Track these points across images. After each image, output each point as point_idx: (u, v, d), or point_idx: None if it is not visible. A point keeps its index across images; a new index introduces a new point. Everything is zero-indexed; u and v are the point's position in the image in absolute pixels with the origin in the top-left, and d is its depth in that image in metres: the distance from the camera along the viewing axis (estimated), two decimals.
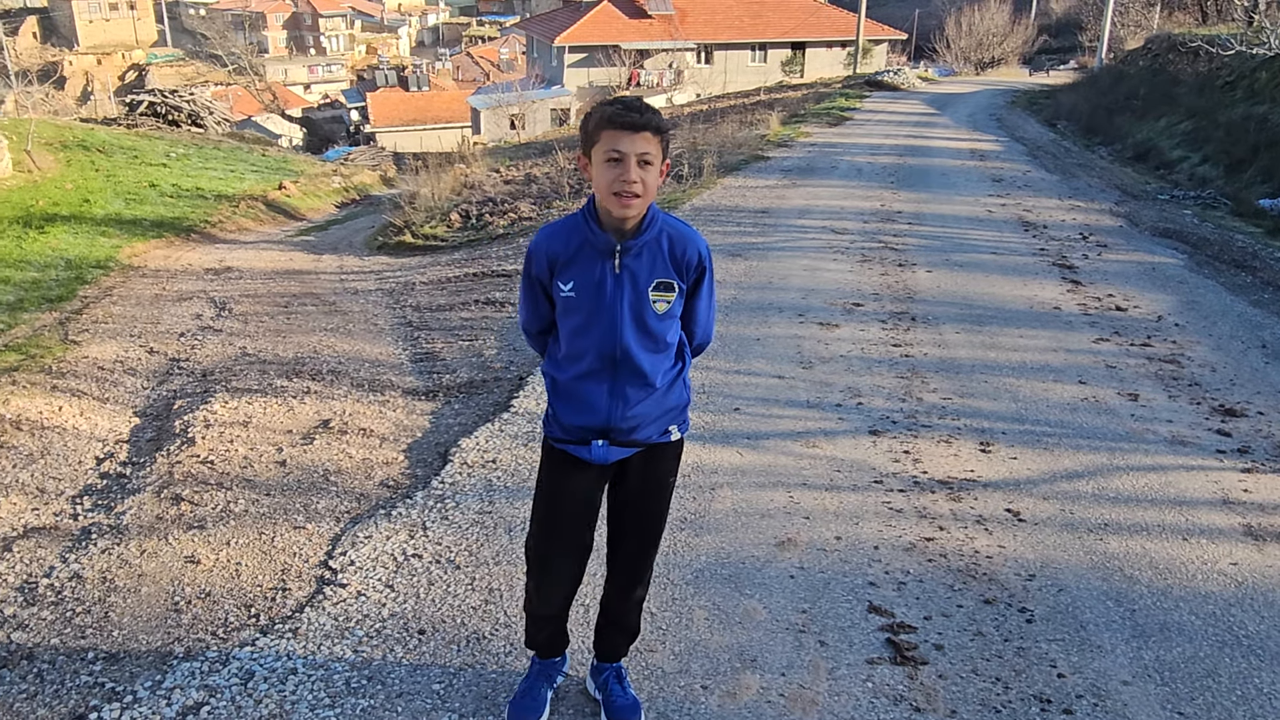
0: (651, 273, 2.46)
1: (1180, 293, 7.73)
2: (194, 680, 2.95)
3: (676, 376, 2.60)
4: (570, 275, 2.46)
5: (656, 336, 2.51)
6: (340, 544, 3.80)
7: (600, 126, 2.37)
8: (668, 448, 2.65)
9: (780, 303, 7.15)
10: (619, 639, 2.87)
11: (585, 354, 2.49)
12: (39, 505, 4.28)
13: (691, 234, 2.52)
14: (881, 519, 4.02)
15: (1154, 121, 18.23)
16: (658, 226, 2.47)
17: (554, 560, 2.69)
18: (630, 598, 2.79)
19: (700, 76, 42.87)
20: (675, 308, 2.52)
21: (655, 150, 2.37)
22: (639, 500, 2.67)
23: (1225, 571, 3.70)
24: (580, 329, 2.48)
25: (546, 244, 2.49)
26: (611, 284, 2.44)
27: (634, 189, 2.34)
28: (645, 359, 2.50)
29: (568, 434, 2.57)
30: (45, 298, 8.88)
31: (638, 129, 2.34)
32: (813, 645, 3.18)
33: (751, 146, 15.87)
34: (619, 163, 2.34)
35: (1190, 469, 4.59)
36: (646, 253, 2.45)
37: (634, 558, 2.74)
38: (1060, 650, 3.19)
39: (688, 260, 2.49)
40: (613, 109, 2.37)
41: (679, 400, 2.63)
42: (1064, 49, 48.42)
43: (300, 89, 65.43)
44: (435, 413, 5.38)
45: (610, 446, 2.55)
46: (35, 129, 18.84)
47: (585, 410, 2.52)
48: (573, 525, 2.66)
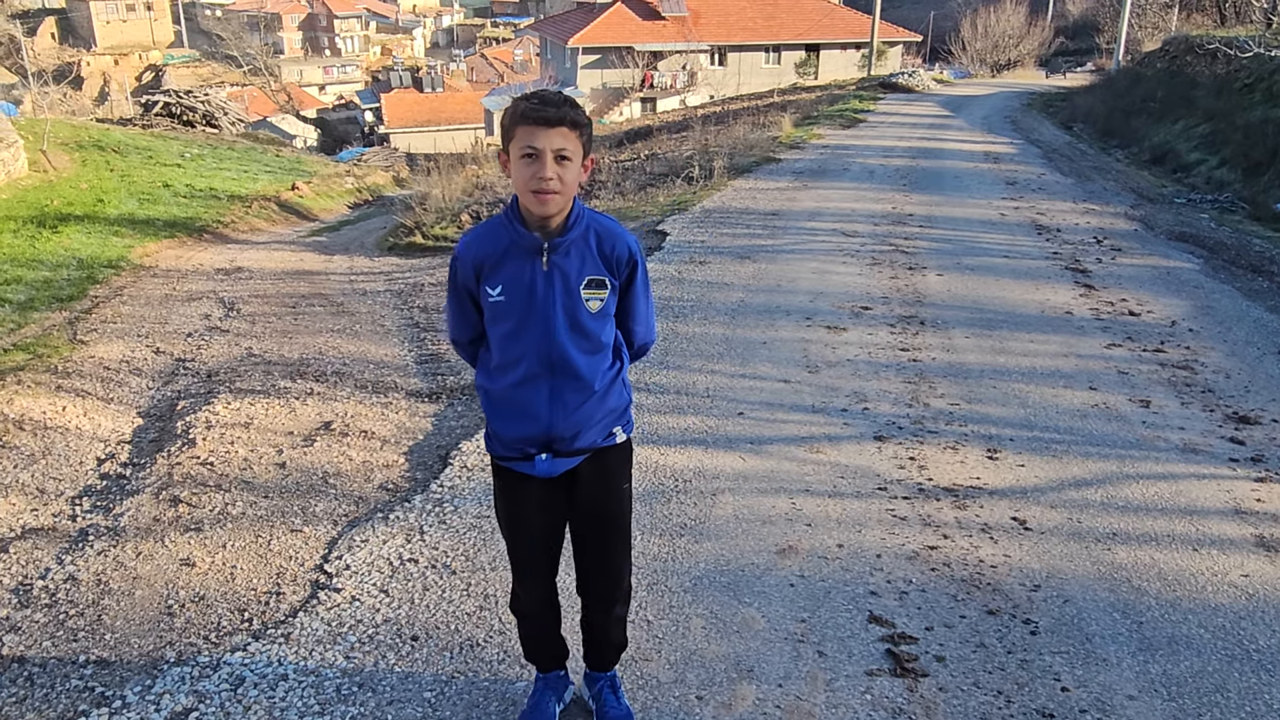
0: (582, 270, 2.40)
1: (1195, 298, 7.63)
2: (184, 685, 2.92)
3: (615, 377, 2.54)
4: (498, 279, 2.39)
5: (592, 336, 2.45)
6: (336, 547, 3.77)
7: (515, 122, 2.31)
8: (614, 451, 2.58)
9: (788, 306, 7.09)
10: (607, 652, 2.81)
11: (521, 360, 2.42)
12: (38, 506, 4.27)
13: (619, 230, 2.47)
14: (885, 526, 3.96)
15: (1171, 124, 18.07)
16: (584, 223, 2.41)
17: (526, 563, 2.66)
18: (611, 615, 2.72)
19: (714, 78, 42.81)
20: (609, 306, 2.46)
21: (573, 146, 2.30)
22: (595, 508, 2.60)
23: (1236, 583, 3.63)
24: (513, 334, 2.42)
25: (471, 249, 2.42)
26: (543, 284, 2.38)
27: (550, 185, 2.28)
28: (582, 361, 2.44)
29: (509, 449, 2.50)
30: (56, 297, 8.91)
31: (553, 124, 2.27)
32: (811, 656, 3.13)
33: (763, 148, 15.80)
34: (535, 159, 2.27)
35: (1202, 478, 4.51)
36: (575, 250, 2.39)
37: (602, 572, 2.66)
38: (1064, 663, 3.13)
39: (617, 256, 2.44)
40: (527, 104, 2.30)
41: (619, 401, 2.57)
42: (1081, 51, 48.11)
43: (315, 90, 65.71)
44: (438, 415, 5.35)
45: (555, 459, 2.49)
46: (51, 129, 18.97)
47: (524, 419, 2.46)
48: (536, 538, 2.62)
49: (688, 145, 16.98)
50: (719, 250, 8.78)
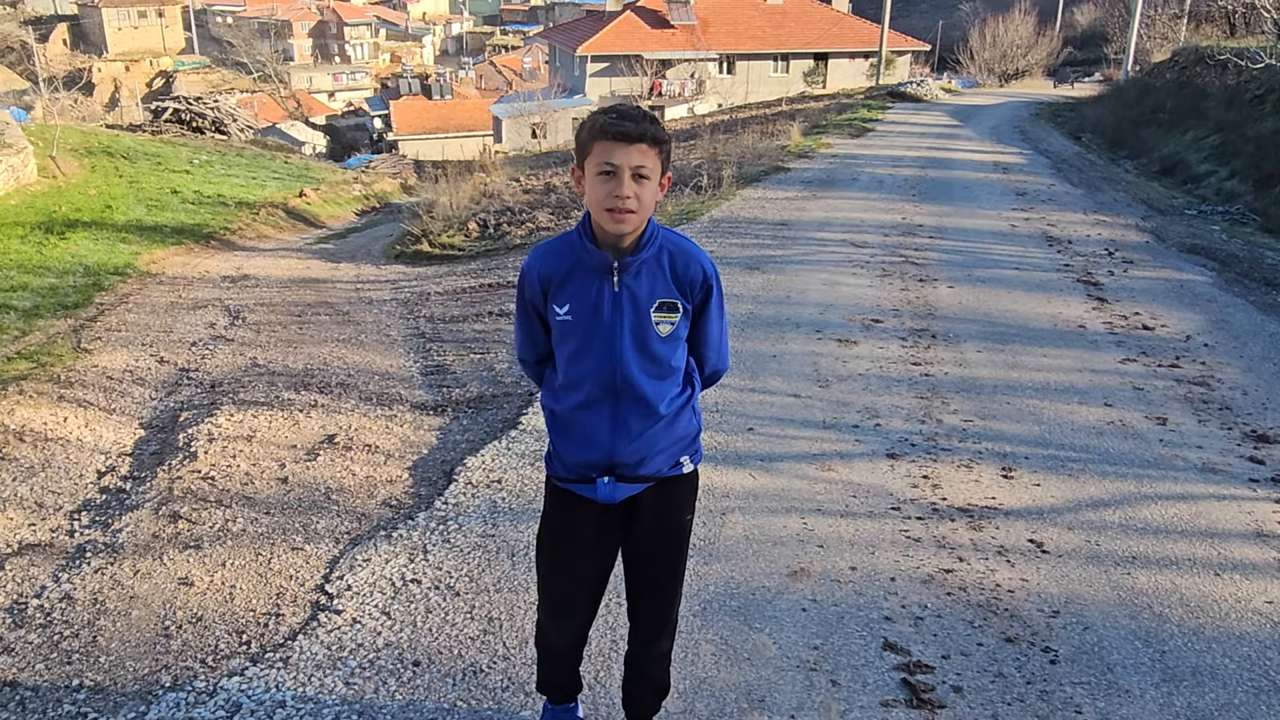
0: (653, 292, 2.30)
1: (1209, 311, 7.53)
2: (179, 712, 2.85)
3: (685, 404, 2.42)
4: (566, 297, 2.30)
5: (660, 361, 2.34)
6: (338, 567, 3.69)
7: (593, 137, 2.21)
8: (680, 481, 2.46)
9: (797, 318, 7.01)
10: (648, 697, 2.70)
11: (583, 381, 2.32)
12: (36, 521, 4.20)
13: (695, 250, 2.36)
14: (898, 548, 3.87)
15: (1181, 135, 17.96)
16: (658, 243, 2.31)
17: (564, 603, 2.55)
18: (654, 651, 2.62)
19: (722, 87, 42.79)
20: (680, 330, 2.35)
21: (653, 163, 2.21)
22: (655, 542, 2.48)
23: (1260, 610, 3.53)
24: (577, 354, 2.32)
25: (539, 264, 2.33)
26: (610, 305, 2.28)
27: (628, 204, 2.18)
28: (648, 385, 2.33)
29: (570, 471, 2.40)
30: (61, 304, 8.86)
31: (632, 140, 2.17)
32: (824, 685, 3.04)
33: (772, 157, 15.73)
34: (612, 176, 2.18)
35: (1222, 499, 4.41)
36: (646, 271, 2.29)
37: (655, 607, 2.56)
38: (1086, 694, 3.04)
39: (691, 278, 2.33)
40: (606, 118, 2.21)
41: (688, 429, 2.44)
42: (1089, 61, 47.99)
43: (325, 96, 65.85)
44: (443, 428, 5.27)
45: (617, 484, 2.37)
46: (61, 135, 18.98)
47: (586, 444, 2.35)
48: (582, 569, 2.49)
49: (696, 154, 16.91)
50: (727, 261, 8.70)
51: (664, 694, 2.72)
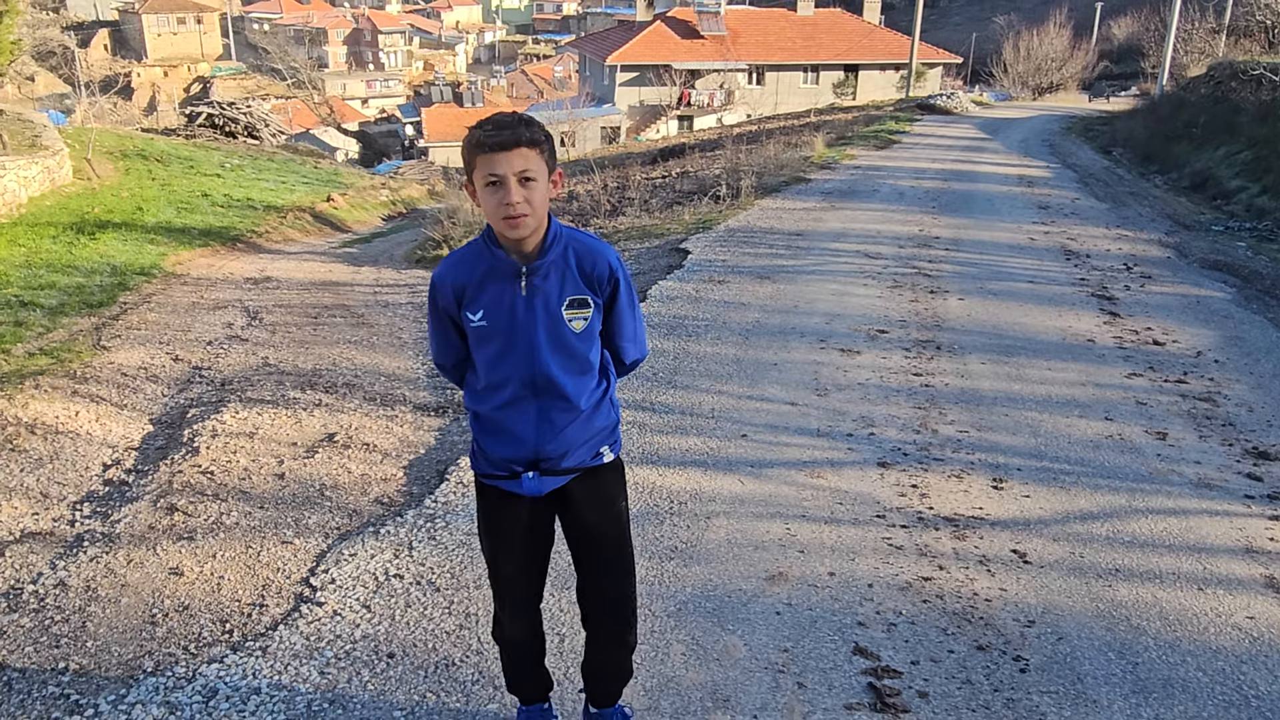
0: (562, 291, 2.37)
1: (1224, 328, 7.45)
2: (157, 696, 2.93)
3: (602, 397, 2.50)
4: (479, 304, 2.37)
5: (578, 357, 2.41)
6: (324, 561, 3.77)
7: (474, 151, 2.26)
8: (604, 470, 2.53)
9: (803, 327, 7.03)
10: (608, 682, 2.76)
11: (506, 383, 2.40)
12: (39, 510, 4.32)
13: (599, 246, 2.43)
14: (879, 555, 3.89)
15: (1213, 150, 17.74)
16: (562, 243, 2.37)
17: (508, 592, 2.62)
18: (618, 648, 2.66)
19: (751, 97, 42.84)
20: (594, 324, 2.42)
21: (536, 165, 2.26)
22: (591, 531, 2.55)
23: (1240, 625, 3.51)
24: (497, 358, 2.39)
25: (450, 274, 2.40)
26: (523, 308, 2.35)
27: (519, 210, 2.24)
28: (568, 382, 2.41)
29: (495, 468, 2.47)
30: (86, 303, 9.06)
31: (509, 146, 2.22)
32: (790, 687, 3.06)
33: (794, 168, 15.74)
34: (499, 185, 2.23)
35: (1214, 514, 4.38)
36: (554, 271, 2.36)
37: (601, 597, 2.60)
38: (1053, 704, 3.04)
39: (598, 274, 2.40)
40: (481, 131, 2.26)
41: (607, 420, 2.52)
42: (1125, 75, 47.51)
43: (358, 103, 66.64)
44: (442, 429, 5.35)
45: (542, 477, 2.45)
46: (97, 138, 19.39)
47: (511, 441, 2.43)
48: (520, 560, 2.57)
49: (719, 164, 16.96)
50: (739, 270, 8.74)
51: (626, 680, 2.77)
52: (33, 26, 52.69)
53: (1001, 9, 61.93)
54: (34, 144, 15.53)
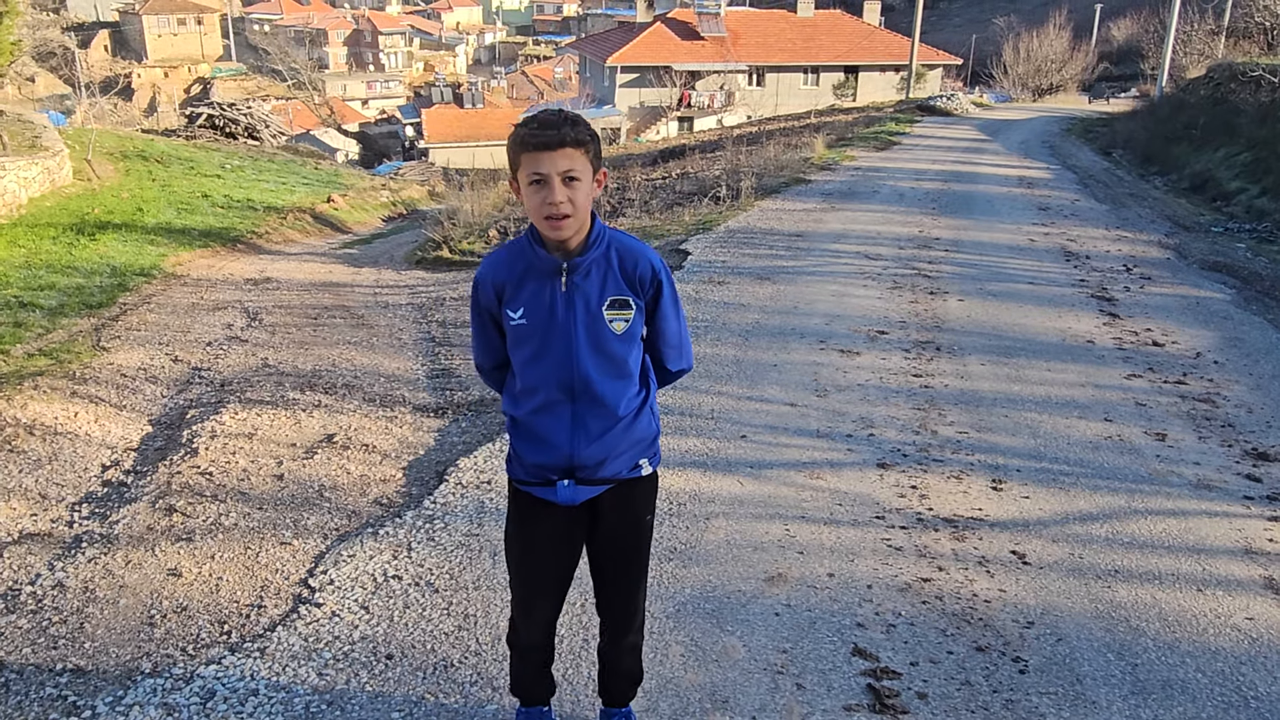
0: (603, 290, 2.35)
1: (1223, 329, 7.45)
2: (154, 698, 2.92)
3: (642, 405, 2.46)
4: (519, 302, 2.35)
5: (617, 360, 2.38)
6: (323, 562, 3.76)
7: (519, 150, 2.26)
8: (640, 484, 2.51)
9: (803, 328, 7.02)
10: (622, 685, 2.78)
11: (542, 385, 2.37)
12: (38, 511, 4.31)
13: (642, 248, 2.41)
14: (878, 556, 3.89)
15: (1212, 152, 17.75)
16: (605, 242, 2.36)
17: (530, 599, 2.61)
18: (623, 645, 2.69)
19: (751, 98, 42.84)
20: (635, 327, 2.39)
21: (581, 165, 2.25)
22: (616, 542, 2.54)
23: (1239, 626, 3.50)
24: (534, 358, 2.37)
25: (492, 272, 2.39)
26: (563, 306, 2.33)
27: (562, 209, 2.23)
28: (606, 386, 2.37)
29: (530, 474, 2.45)
30: (86, 304, 9.06)
31: (554, 146, 2.22)
32: (789, 688, 3.06)
33: (794, 169, 15.74)
34: (543, 184, 2.23)
35: (1213, 515, 4.37)
36: (595, 270, 2.35)
37: (619, 604, 2.62)
38: (1052, 705, 3.03)
39: (640, 275, 2.38)
40: (526, 130, 2.25)
41: (647, 431, 2.48)
42: (1125, 76, 47.51)
43: (358, 104, 66.66)
44: (441, 430, 5.35)
45: (577, 486, 2.42)
46: (97, 139, 19.38)
47: (545, 447, 2.40)
48: (547, 568, 2.56)
49: (719, 165, 16.96)
50: (739, 271, 8.74)
51: (638, 681, 2.79)
52: (33, 27, 52.72)
53: (1001, 10, 61.98)
54: (34, 145, 15.53)
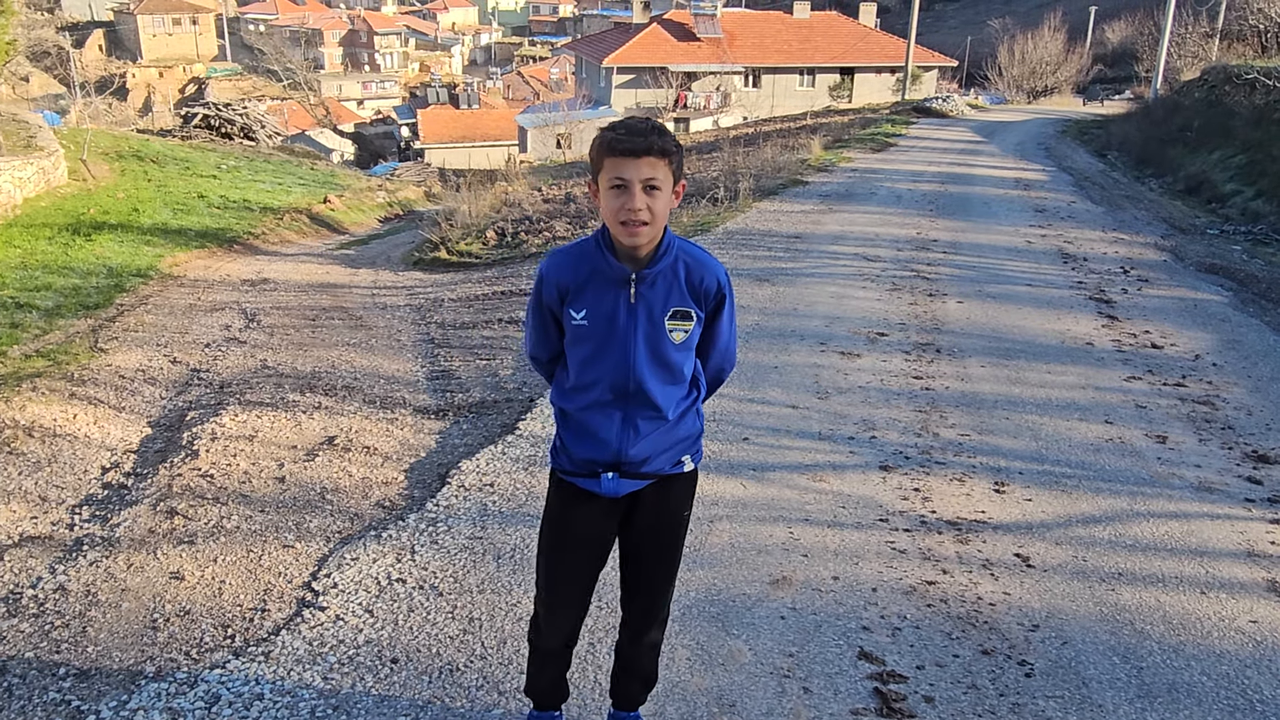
0: (667, 302, 2.35)
1: (1222, 331, 7.47)
2: (159, 702, 2.91)
3: (690, 406, 2.49)
4: (583, 304, 2.36)
5: (673, 368, 2.40)
6: (326, 565, 3.75)
7: (603, 153, 2.26)
8: (681, 479, 2.53)
9: (803, 330, 7.02)
10: (635, 686, 2.77)
11: (596, 384, 2.39)
12: (38, 514, 4.29)
13: (709, 261, 2.41)
14: (883, 559, 3.88)
15: (1207, 154, 17.80)
16: (673, 254, 2.36)
17: (560, 595, 2.61)
18: (644, 642, 2.69)
19: (747, 100, 42.86)
20: (693, 338, 2.41)
21: (663, 175, 2.25)
22: (653, 536, 2.55)
23: (1244, 629, 3.51)
24: (591, 359, 2.38)
25: (556, 271, 2.39)
26: (625, 315, 2.34)
27: (640, 217, 2.23)
28: (659, 391, 2.39)
29: (576, 467, 2.46)
30: (83, 305, 9.02)
31: (640, 154, 2.22)
32: (796, 692, 3.05)
33: (791, 171, 15.75)
34: (624, 190, 2.23)
35: (1215, 518, 4.38)
36: (662, 281, 2.35)
37: (649, 599, 2.63)
38: (1058, 708, 3.03)
39: (705, 288, 2.39)
40: (613, 134, 2.26)
41: (691, 429, 2.51)
42: (1119, 79, 47.66)
43: (354, 105, 66.58)
44: (443, 432, 5.34)
45: (620, 479, 2.44)
46: (92, 139, 19.33)
47: (594, 443, 2.42)
48: (581, 560, 2.56)
49: (716, 166, 16.95)
50: (738, 272, 8.73)
51: (651, 685, 2.79)
52: (27, 27, 52.59)
53: (996, 12, 62.12)
54: (29, 145, 15.48)
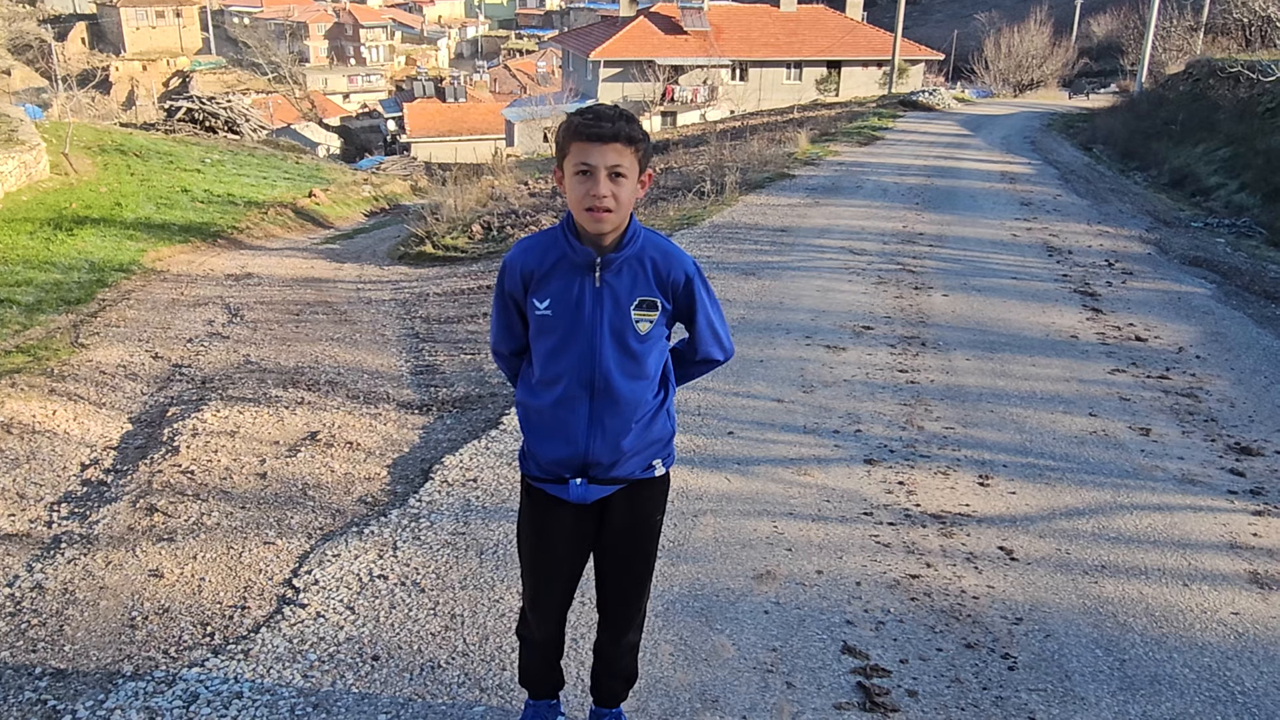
0: (633, 290, 2.33)
1: (1205, 324, 7.50)
2: (136, 701, 2.88)
3: (659, 407, 2.45)
4: (547, 292, 2.33)
5: (638, 359, 2.36)
6: (307, 562, 3.72)
7: (569, 138, 2.24)
8: (652, 484, 2.50)
9: (788, 324, 7.02)
10: (617, 684, 2.76)
11: (561, 378, 2.35)
12: (15, 511, 4.25)
13: (677, 253, 2.39)
14: (867, 553, 3.88)
15: (1192, 147, 17.89)
16: (640, 242, 2.34)
17: (540, 594, 2.60)
18: (622, 643, 2.67)
19: (735, 93, 42.82)
20: (658, 329, 2.38)
21: (629, 162, 2.23)
22: (625, 542, 2.53)
23: (1225, 621, 3.52)
24: (556, 350, 2.34)
25: (521, 258, 2.36)
26: (591, 301, 2.31)
27: (605, 203, 2.21)
28: (625, 385, 2.35)
29: (544, 471, 2.43)
30: (64, 300, 8.94)
31: (607, 140, 2.20)
32: (779, 686, 3.04)
33: (778, 164, 15.74)
34: (589, 176, 2.21)
35: (1198, 510, 4.39)
36: (628, 269, 2.33)
37: (623, 603, 2.61)
38: (1041, 701, 3.03)
39: (674, 280, 2.36)
40: (580, 119, 2.24)
41: (663, 432, 2.47)
42: (1105, 72, 47.82)
43: (339, 98, 66.16)
44: (426, 427, 5.31)
45: (589, 485, 2.41)
46: (74, 133, 19.14)
47: (561, 441, 2.38)
48: (561, 560, 2.54)
49: (703, 159, 16.93)
50: (723, 266, 8.72)
51: (632, 681, 2.78)
52: (8, 20, 52.11)
53: (983, 6, 62.19)
54: (10, 139, 15.32)
